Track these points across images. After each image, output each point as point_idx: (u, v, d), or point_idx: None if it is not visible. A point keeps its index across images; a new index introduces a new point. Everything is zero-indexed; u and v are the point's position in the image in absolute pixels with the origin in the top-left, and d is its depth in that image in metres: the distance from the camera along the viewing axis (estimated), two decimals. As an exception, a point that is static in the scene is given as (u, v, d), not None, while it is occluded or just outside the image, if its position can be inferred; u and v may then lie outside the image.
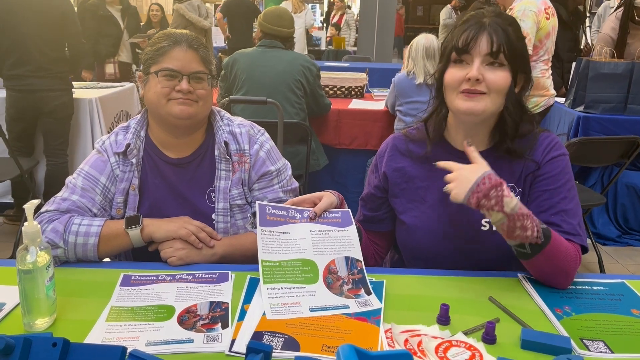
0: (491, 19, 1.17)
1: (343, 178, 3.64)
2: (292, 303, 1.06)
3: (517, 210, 1.07)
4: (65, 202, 1.29)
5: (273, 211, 1.20)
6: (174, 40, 1.31)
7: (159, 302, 1.07)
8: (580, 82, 3.27)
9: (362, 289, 1.11)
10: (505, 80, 1.16)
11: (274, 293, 1.08)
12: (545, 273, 1.16)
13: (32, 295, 0.96)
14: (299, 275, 1.12)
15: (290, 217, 1.20)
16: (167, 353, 0.91)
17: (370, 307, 1.06)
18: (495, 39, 1.15)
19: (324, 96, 3.24)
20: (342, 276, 1.13)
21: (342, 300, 1.08)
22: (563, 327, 1.01)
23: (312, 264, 1.14)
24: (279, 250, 1.14)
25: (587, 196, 2.77)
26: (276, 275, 1.11)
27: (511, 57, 1.16)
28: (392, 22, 7.61)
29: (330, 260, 1.15)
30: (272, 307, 1.04)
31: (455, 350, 0.93)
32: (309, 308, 1.05)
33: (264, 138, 1.43)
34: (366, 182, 1.41)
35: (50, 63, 3.08)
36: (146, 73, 1.33)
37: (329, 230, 1.20)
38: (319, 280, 1.12)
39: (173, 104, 1.30)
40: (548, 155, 1.23)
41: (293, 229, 1.18)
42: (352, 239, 1.20)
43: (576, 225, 1.19)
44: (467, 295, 1.13)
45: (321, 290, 1.10)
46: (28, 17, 2.99)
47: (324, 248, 1.17)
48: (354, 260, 1.17)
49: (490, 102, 1.17)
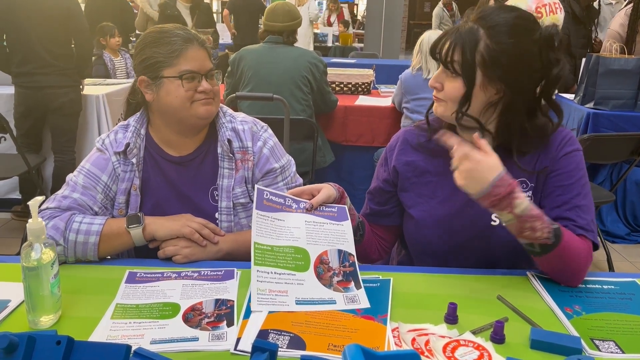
0: (468, 24, 1.14)
1: (349, 175, 3.62)
2: (280, 291, 1.05)
3: (527, 212, 1.05)
4: (66, 200, 1.28)
5: (271, 197, 1.19)
6: (185, 39, 1.28)
7: (164, 300, 1.06)
8: (590, 79, 3.23)
9: (352, 282, 1.11)
10: (456, 92, 1.15)
11: (263, 277, 1.07)
12: (554, 270, 1.15)
13: (37, 293, 0.95)
14: (290, 262, 1.11)
15: (287, 205, 1.20)
16: (172, 351, 0.90)
17: (357, 305, 1.05)
18: (451, 47, 1.13)
19: (331, 93, 3.22)
20: (334, 267, 1.13)
21: (330, 294, 1.07)
22: (573, 327, 1.00)
23: (304, 252, 1.13)
24: (272, 235, 1.14)
25: (596, 193, 2.74)
26: (268, 258, 1.10)
27: (464, 68, 1.12)
28: (399, 18, 7.59)
29: (322, 250, 1.14)
30: (259, 293, 1.04)
31: (464, 349, 0.92)
32: (295, 300, 1.04)
33: (267, 134, 1.41)
34: (374, 175, 1.40)
35: (55, 59, 3.08)
36: (156, 77, 1.28)
37: (324, 222, 1.19)
38: (309, 268, 1.11)
39: (197, 105, 1.29)
40: (562, 151, 1.21)
41: (288, 217, 1.17)
42: (347, 233, 1.19)
43: (590, 222, 1.18)
44: (475, 294, 1.12)
45: (311, 280, 1.09)
46: (32, 14, 2.99)
47: (318, 239, 1.16)
48: (347, 253, 1.16)
49: (449, 109, 1.17)
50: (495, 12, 1.13)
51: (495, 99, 1.15)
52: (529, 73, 1.13)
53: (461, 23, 1.16)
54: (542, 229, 1.06)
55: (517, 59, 1.11)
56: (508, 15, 1.13)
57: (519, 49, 1.11)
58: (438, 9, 9.20)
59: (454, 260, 1.26)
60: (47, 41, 3.05)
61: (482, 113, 1.17)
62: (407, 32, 15.22)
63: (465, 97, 1.14)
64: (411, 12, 16.93)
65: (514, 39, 1.11)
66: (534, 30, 1.13)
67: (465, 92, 1.13)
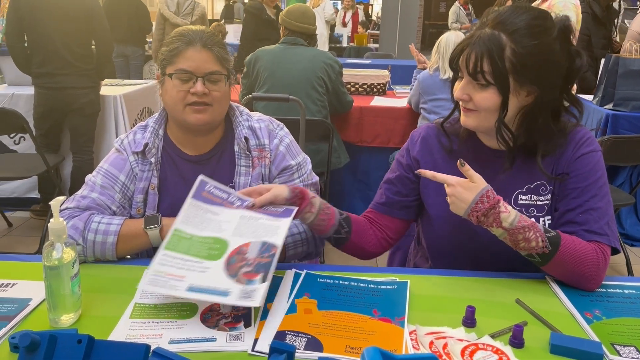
0: (487, 31, 1.12)
1: (365, 176, 3.61)
2: (176, 275, 1.01)
3: (515, 224, 1.08)
4: (84, 200, 1.30)
5: (213, 190, 1.17)
6: (188, 40, 1.29)
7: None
8: (609, 79, 3.19)
9: (260, 275, 1.01)
10: (490, 102, 1.13)
11: (167, 260, 1.04)
12: (563, 277, 1.15)
13: (58, 292, 0.97)
14: (203, 251, 1.07)
15: (229, 201, 1.17)
16: (191, 351, 0.91)
17: (248, 302, 0.96)
18: (479, 58, 1.10)
19: (346, 93, 3.22)
20: (249, 258, 1.05)
21: (228, 284, 1.00)
22: (594, 332, 0.99)
23: (223, 243, 1.08)
24: (198, 225, 1.11)
25: (615, 196, 2.69)
26: (181, 245, 1.07)
27: (497, 76, 1.10)
28: (415, 19, 7.56)
29: (245, 242, 1.08)
30: (155, 274, 1.01)
31: (482, 353, 0.91)
32: (187, 286, 0.99)
33: (283, 132, 1.42)
34: (394, 166, 1.36)
35: (76, 60, 3.10)
36: (162, 74, 1.32)
37: (260, 217, 1.13)
38: (221, 258, 1.06)
39: (188, 111, 1.29)
40: (578, 152, 1.19)
41: (223, 212, 1.14)
42: (280, 228, 1.10)
43: (604, 225, 1.16)
44: (494, 297, 1.11)
45: (215, 269, 1.03)
46: (54, 15, 3.01)
47: (245, 232, 1.10)
48: (270, 245, 1.07)
49: (483, 119, 1.16)
50: (513, 15, 1.12)
51: (527, 101, 1.15)
52: (557, 69, 1.13)
53: (477, 30, 1.14)
54: (536, 238, 1.09)
55: (543, 58, 1.11)
56: (526, 16, 1.12)
57: (543, 48, 1.11)
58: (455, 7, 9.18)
59: (471, 263, 1.25)
60: (69, 42, 3.07)
61: (514, 118, 1.17)
62: (422, 32, 15.15)
63: (503, 106, 1.13)
64: (426, 12, 16.82)
65: (536, 40, 1.10)
66: (553, 27, 1.13)
67: (502, 100, 1.12)
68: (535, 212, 1.21)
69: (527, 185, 1.22)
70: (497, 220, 1.08)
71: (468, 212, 1.10)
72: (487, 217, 1.09)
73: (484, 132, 1.22)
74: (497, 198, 1.10)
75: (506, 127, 1.15)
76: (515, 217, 1.09)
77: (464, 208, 1.10)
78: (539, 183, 1.21)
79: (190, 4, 5.62)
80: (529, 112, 1.16)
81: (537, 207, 1.22)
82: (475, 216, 1.09)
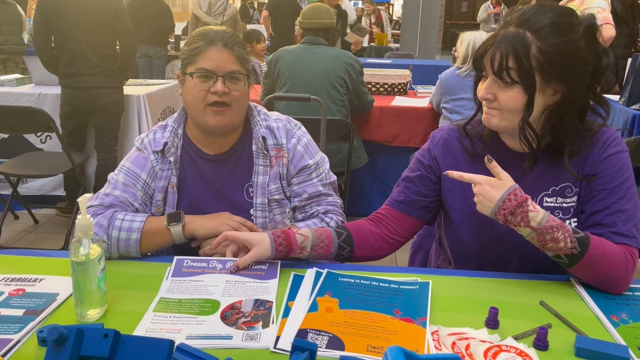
0: (511, 29, 1.10)
1: (385, 176, 3.61)
2: (172, 329, 0.97)
3: (544, 223, 1.06)
4: (108, 198, 1.32)
5: (191, 264, 1.19)
6: (209, 40, 1.30)
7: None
8: (635, 79, 3.12)
9: (260, 322, 1.00)
10: (516, 101, 1.11)
11: (158, 320, 1.00)
12: (590, 280, 1.12)
13: (85, 287, 0.98)
14: (195, 309, 1.04)
15: (210, 267, 1.18)
16: (206, 347, 0.91)
17: (255, 343, 0.93)
18: (504, 56, 1.09)
19: (367, 93, 3.21)
20: (245, 311, 1.03)
21: (227, 331, 0.97)
22: (620, 335, 0.97)
23: (214, 302, 1.06)
24: (184, 292, 1.10)
25: (642, 198, 2.65)
26: (171, 307, 1.04)
27: (522, 74, 1.09)
28: (436, 18, 7.50)
29: (237, 300, 1.07)
30: (148, 331, 0.96)
31: (505, 355, 0.90)
32: (186, 336, 0.95)
33: (300, 132, 1.42)
34: (413, 164, 1.34)
35: (101, 60, 3.16)
36: (183, 73, 1.34)
37: (247, 281, 1.14)
38: (215, 313, 1.02)
39: (209, 113, 1.30)
40: (605, 153, 1.17)
41: (208, 278, 1.15)
42: (270, 288, 1.11)
43: (632, 227, 1.13)
44: (517, 299, 1.10)
45: (212, 321, 1.00)
46: (81, 16, 3.07)
47: (235, 292, 1.10)
48: (264, 301, 1.07)
49: (507, 119, 1.14)
50: (538, 14, 1.11)
51: (553, 100, 1.13)
52: (583, 66, 1.12)
53: (501, 29, 1.13)
54: (564, 239, 1.07)
55: (570, 55, 1.10)
56: (550, 14, 1.11)
57: (569, 45, 1.09)
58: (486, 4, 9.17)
59: (497, 267, 1.24)
60: (94, 42, 3.13)
61: (539, 118, 1.15)
62: (443, 32, 15.03)
63: (529, 104, 1.11)
64: (448, 11, 16.72)
65: (562, 37, 1.09)
66: (578, 24, 1.12)
67: (527, 99, 1.11)
68: (561, 214, 1.20)
69: (553, 187, 1.20)
70: (525, 219, 1.07)
71: (495, 210, 1.08)
72: (514, 215, 1.07)
73: (507, 132, 1.21)
74: (525, 196, 1.08)
75: (530, 127, 1.14)
76: (544, 216, 1.07)
77: (490, 207, 1.09)
78: (564, 185, 1.20)
79: (222, 4, 5.68)
80: (555, 111, 1.14)
81: (562, 209, 1.20)
82: (503, 214, 1.07)
